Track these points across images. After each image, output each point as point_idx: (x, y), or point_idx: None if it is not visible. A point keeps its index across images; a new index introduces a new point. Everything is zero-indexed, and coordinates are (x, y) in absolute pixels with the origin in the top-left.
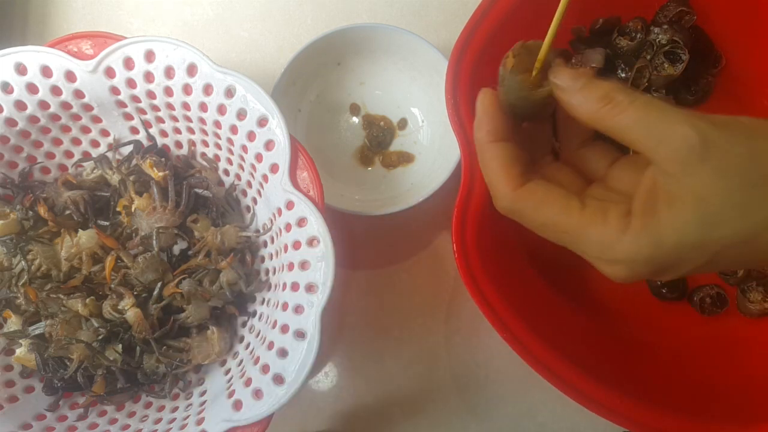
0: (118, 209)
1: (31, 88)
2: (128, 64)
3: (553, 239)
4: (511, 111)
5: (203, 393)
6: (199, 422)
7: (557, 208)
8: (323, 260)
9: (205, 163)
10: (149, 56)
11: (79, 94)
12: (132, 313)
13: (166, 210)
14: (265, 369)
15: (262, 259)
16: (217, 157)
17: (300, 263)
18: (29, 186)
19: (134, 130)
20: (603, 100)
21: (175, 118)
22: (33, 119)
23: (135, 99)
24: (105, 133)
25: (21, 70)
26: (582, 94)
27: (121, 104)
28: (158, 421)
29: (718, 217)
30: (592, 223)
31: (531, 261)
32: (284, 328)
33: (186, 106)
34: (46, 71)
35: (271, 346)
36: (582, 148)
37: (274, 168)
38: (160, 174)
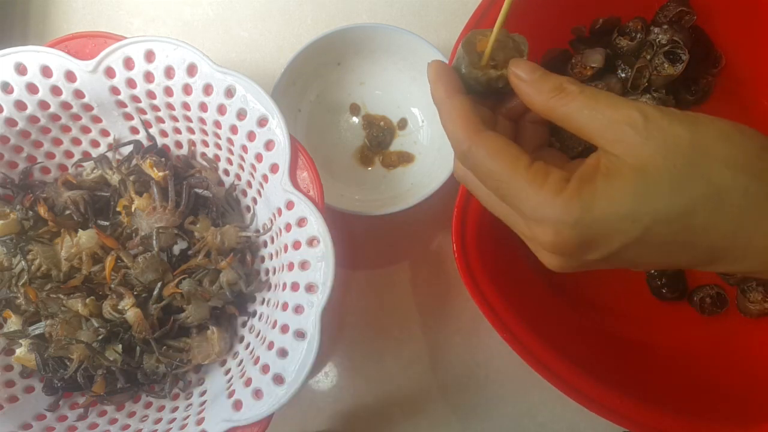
0: (118, 209)
1: (31, 88)
2: (128, 64)
3: (494, 190)
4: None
5: (203, 393)
6: (199, 422)
7: (507, 160)
8: (323, 260)
9: (205, 163)
10: (149, 56)
11: (79, 94)
12: (132, 313)
13: (166, 210)
14: (265, 369)
15: (262, 259)
16: (217, 157)
17: (300, 263)
18: (29, 186)
19: (134, 130)
20: (555, 90)
21: (175, 118)
22: (33, 119)
23: (135, 99)
24: (105, 133)
25: (21, 70)
26: (537, 85)
27: (121, 104)
28: (158, 421)
29: (654, 189)
30: (533, 180)
31: (531, 261)
32: (284, 328)
33: (186, 106)
34: (46, 71)
35: (271, 346)
36: (537, 151)
37: (274, 168)
38: (160, 174)
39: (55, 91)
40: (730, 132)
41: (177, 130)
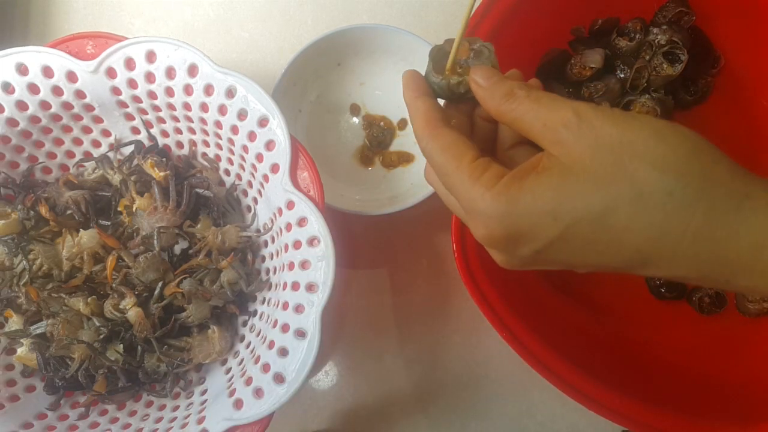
0: (119, 209)
1: (33, 89)
2: (129, 64)
3: (443, 180)
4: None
5: (204, 392)
6: (200, 421)
7: (454, 154)
8: (323, 260)
9: (206, 163)
10: (150, 57)
11: (80, 94)
12: (133, 313)
13: (167, 210)
14: (266, 368)
15: (263, 259)
16: (217, 157)
17: (300, 263)
18: (31, 186)
19: (135, 131)
20: (506, 95)
21: (176, 119)
22: (34, 119)
23: (136, 99)
24: (106, 133)
25: (22, 70)
26: (491, 90)
27: (123, 104)
28: (159, 420)
29: (576, 188)
30: (471, 174)
31: None
32: (285, 328)
33: (187, 106)
34: (47, 71)
35: (271, 345)
36: (511, 149)
37: (274, 168)
38: (161, 174)
39: (57, 91)
40: (665, 132)
41: (178, 131)
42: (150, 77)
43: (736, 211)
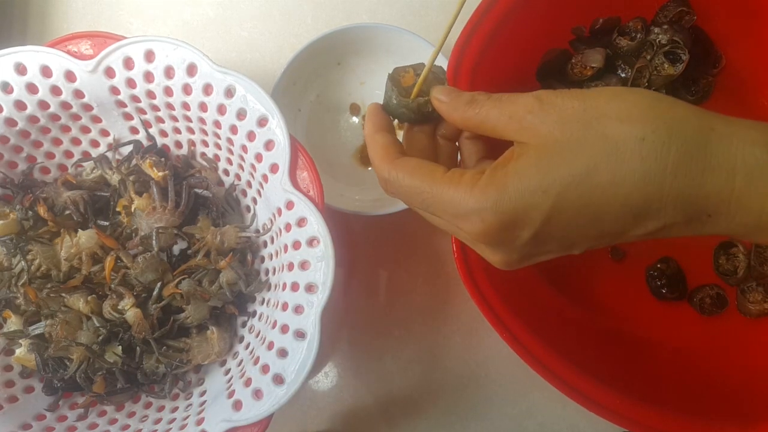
0: (117, 209)
1: (31, 88)
2: (128, 64)
3: (418, 204)
4: (393, 113)
5: (203, 393)
6: (199, 422)
7: (424, 174)
8: (323, 260)
9: (204, 163)
10: (149, 56)
11: (78, 94)
12: (132, 313)
13: (165, 210)
14: (265, 369)
15: (262, 259)
16: (216, 157)
17: (300, 263)
18: (29, 186)
19: (134, 130)
20: (468, 102)
21: (174, 118)
22: (33, 119)
23: (135, 99)
24: (105, 133)
25: (21, 70)
26: (453, 102)
27: (121, 104)
28: (158, 421)
29: (555, 159)
30: (450, 182)
31: None
32: (284, 328)
33: (186, 106)
34: (45, 71)
35: (271, 346)
36: (479, 164)
37: (274, 168)
38: (160, 174)
39: (55, 90)
40: (621, 91)
41: (177, 130)
42: (149, 77)
43: (706, 143)
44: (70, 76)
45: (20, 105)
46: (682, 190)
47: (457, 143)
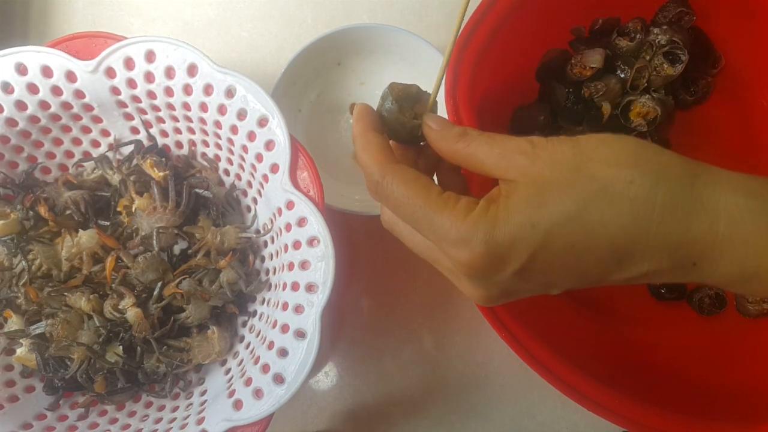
0: (118, 209)
1: (32, 88)
2: (129, 64)
3: (405, 216)
4: (386, 125)
5: (204, 392)
6: (200, 422)
7: (419, 188)
8: (323, 260)
9: (205, 163)
10: (150, 56)
11: (79, 94)
12: (132, 313)
13: (166, 210)
14: (266, 368)
15: (263, 259)
16: (217, 157)
17: (300, 263)
18: (30, 186)
19: (135, 130)
20: (459, 135)
21: (175, 119)
22: (33, 119)
23: (135, 99)
24: (105, 133)
25: (21, 70)
26: (444, 132)
27: (122, 104)
28: (159, 420)
29: (545, 196)
30: (445, 205)
31: None
32: (284, 328)
33: (186, 106)
34: (46, 71)
35: (271, 345)
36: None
37: (274, 168)
38: (161, 174)
39: (56, 91)
40: (607, 138)
41: (177, 130)
42: (149, 77)
43: (691, 188)
44: (70, 77)
45: (21, 105)
46: (668, 234)
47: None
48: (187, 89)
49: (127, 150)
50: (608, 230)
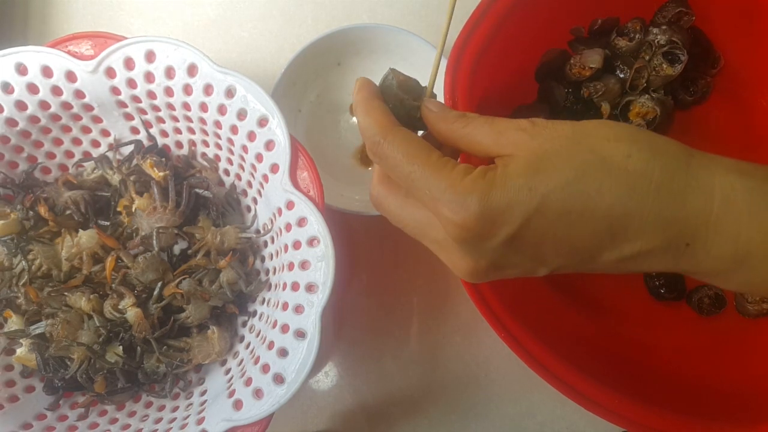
0: (118, 209)
1: (32, 88)
2: (129, 64)
3: (402, 176)
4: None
5: (203, 392)
6: (200, 422)
7: (420, 149)
8: (323, 260)
9: (205, 163)
10: (150, 56)
11: (79, 94)
12: (132, 313)
13: (166, 210)
14: (266, 368)
15: (263, 259)
16: (217, 157)
17: (300, 263)
18: (30, 186)
19: (135, 130)
20: (459, 116)
21: (175, 119)
22: (33, 119)
23: (135, 99)
24: (105, 133)
25: (21, 70)
26: (443, 114)
27: (122, 104)
28: (159, 420)
29: (544, 164)
30: (444, 166)
31: None
32: (284, 328)
33: (186, 106)
34: (46, 71)
35: (271, 345)
36: None
37: (274, 168)
38: (161, 174)
39: (56, 91)
40: (605, 122)
41: (177, 130)
42: (149, 77)
43: (686, 167)
44: (70, 77)
45: (21, 105)
46: (663, 208)
47: None
48: (187, 89)
49: (127, 150)
50: (604, 200)
